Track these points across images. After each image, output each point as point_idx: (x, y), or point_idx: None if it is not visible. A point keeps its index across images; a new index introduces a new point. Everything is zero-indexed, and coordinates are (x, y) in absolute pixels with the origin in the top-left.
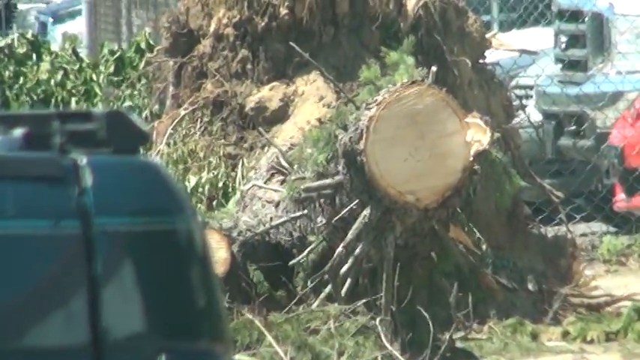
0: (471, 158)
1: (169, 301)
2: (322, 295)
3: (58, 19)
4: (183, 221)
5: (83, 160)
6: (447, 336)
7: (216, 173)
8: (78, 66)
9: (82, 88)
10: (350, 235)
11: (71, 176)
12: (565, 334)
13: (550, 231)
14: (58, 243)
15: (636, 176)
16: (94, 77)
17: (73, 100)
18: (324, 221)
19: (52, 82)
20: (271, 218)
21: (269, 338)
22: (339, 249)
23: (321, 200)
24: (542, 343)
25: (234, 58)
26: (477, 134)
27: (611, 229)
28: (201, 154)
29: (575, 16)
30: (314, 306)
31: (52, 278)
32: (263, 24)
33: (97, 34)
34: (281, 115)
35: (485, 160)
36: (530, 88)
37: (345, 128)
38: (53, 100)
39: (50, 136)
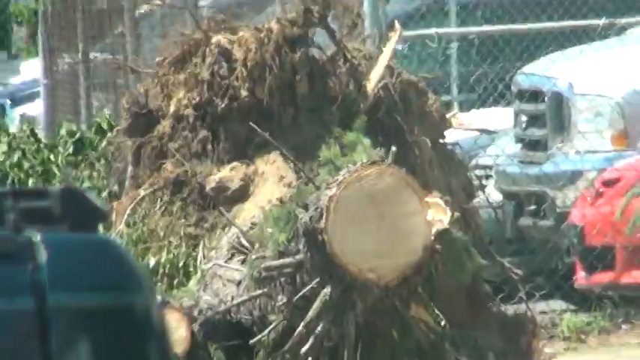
0: (432, 237)
1: None
2: None
3: (17, 101)
4: (140, 297)
5: (37, 236)
6: None
7: (176, 253)
8: (36, 147)
9: (40, 168)
10: (311, 314)
11: (25, 253)
12: None
13: (510, 309)
14: (11, 320)
15: (596, 254)
16: (52, 158)
17: (31, 180)
18: (284, 300)
19: (8, 163)
20: (232, 297)
21: None
22: (300, 328)
23: (282, 279)
24: None
25: (194, 139)
26: (438, 214)
27: (571, 306)
28: (162, 234)
29: (534, 96)
30: None
31: (5, 355)
32: (223, 105)
33: (54, 116)
34: (241, 194)
35: (445, 239)
36: (490, 167)
37: (305, 207)
38: (9, 181)
39: (3, 213)
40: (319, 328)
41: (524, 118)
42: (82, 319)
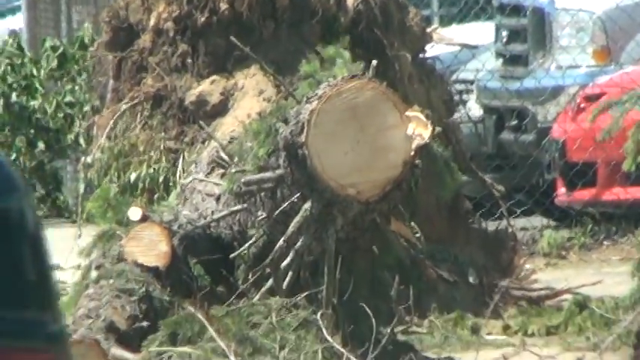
0: (412, 152)
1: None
2: (263, 289)
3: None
4: (15, 200)
5: None
6: (389, 329)
7: (156, 167)
8: (20, 60)
9: (23, 82)
10: (291, 229)
11: None
12: (506, 328)
13: (491, 225)
14: None
15: (577, 170)
16: (35, 72)
17: (14, 94)
18: (264, 215)
19: None
20: (212, 212)
21: (211, 332)
22: (280, 242)
23: (262, 194)
24: (482, 337)
25: (174, 53)
26: (418, 128)
27: (552, 223)
28: (142, 149)
29: (516, 10)
30: (255, 299)
31: None
32: (203, 18)
33: (36, 30)
34: (221, 108)
35: (426, 154)
36: (471, 82)
37: (285, 122)
38: None
39: None
40: (299, 243)
41: (505, 33)
42: None
